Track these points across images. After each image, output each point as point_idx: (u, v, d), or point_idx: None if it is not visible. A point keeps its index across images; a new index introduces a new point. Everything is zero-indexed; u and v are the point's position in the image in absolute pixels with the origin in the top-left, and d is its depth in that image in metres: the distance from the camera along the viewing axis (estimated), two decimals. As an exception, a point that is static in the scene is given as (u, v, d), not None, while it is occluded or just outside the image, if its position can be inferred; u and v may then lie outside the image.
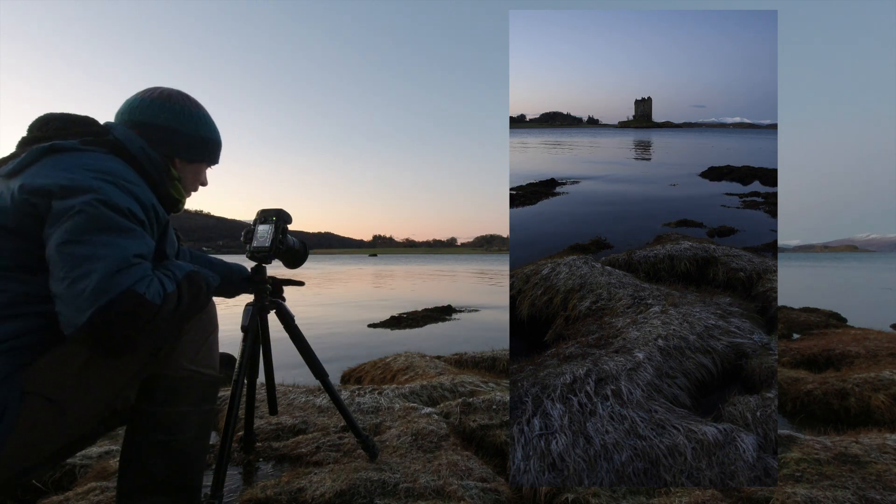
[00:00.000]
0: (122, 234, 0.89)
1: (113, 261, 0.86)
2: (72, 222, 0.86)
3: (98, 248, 0.86)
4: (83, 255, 0.85)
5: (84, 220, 0.86)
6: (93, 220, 0.86)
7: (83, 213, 0.86)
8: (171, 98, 1.14)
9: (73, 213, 0.86)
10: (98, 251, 0.85)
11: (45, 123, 1.04)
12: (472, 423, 1.94)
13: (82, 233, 0.86)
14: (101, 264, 0.84)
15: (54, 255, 0.86)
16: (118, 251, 0.87)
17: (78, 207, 0.86)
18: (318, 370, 1.54)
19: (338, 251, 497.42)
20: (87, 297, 0.83)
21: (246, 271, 1.48)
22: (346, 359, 4.15)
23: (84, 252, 0.85)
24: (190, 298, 1.00)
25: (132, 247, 0.90)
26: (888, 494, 1.29)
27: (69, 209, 0.86)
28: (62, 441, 0.97)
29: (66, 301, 0.84)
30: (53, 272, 0.86)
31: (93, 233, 0.86)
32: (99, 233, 0.87)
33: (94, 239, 0.86)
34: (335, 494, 1.34)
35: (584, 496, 1.33)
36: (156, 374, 1.05)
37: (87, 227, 0.86)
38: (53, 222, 0.87)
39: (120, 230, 0.89)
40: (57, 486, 1.51)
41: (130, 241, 0.90)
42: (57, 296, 0.86)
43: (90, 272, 0.84)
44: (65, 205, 0.86)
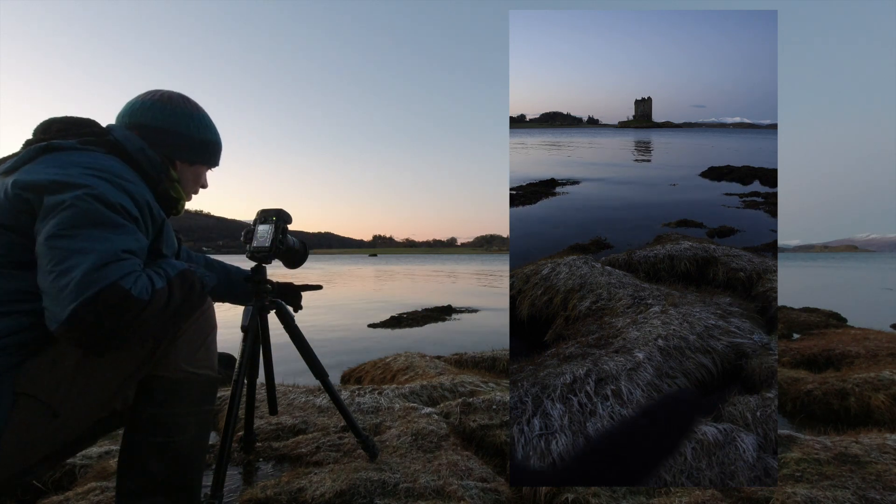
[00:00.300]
0: (112, 229, 0.88)
1: (99, 255, 0.84)
2: (61, 216, 0.85)
3: (86, 241, 0.84)
4: (70, 248, 0.83)
5: (74, 214, 0.85)
6: (83, 215, 0.86)
7: (73, 207, 0.85)
8: (172, 101, 1.14)
9: (64, 207, 0.85)
10: (85, 245, 0.84)
11: (48, 126, 1.04)
12: (472, 423, 1.94)
13: (71, 227, 0.84)
14: (87, 258, 0.83)
15: (42, 248, 0.85)
16: (106, 245, 0.85)
17: (69, 202, 0.85)
18: (318, 370, 1.54)
19: (338, 251, 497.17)
20: (70, 291, 0.81)
21: (245, 272, 1.48)
22: (346, 359, 4.15)
23: (71, 246, 0.83)
24: (182, 296, 0.98)
25: (121, 242, 0.88)
26: (888, 494, 1.29)
27: (60, 203, 0.85)
28: (57, 443, 0.96)
29: (50, 295, 0.83)
30: (41, 266, 0.85)
31: (82, 227, 0.85)
32: (88, 227, 0.86)
33: (83, 233, 0.85)
34: (335, 494, 1.34)
35: (584, 496, 1.33)
36: (154, 375, 1.04)
37: (76, 221, 0.85)
38: (44, 217, 0.86)
39: (110, 225, 0.88)
40: (57, 486, 1.51)
41: (120, 237, 0.89)
42: (43, 290, 0.84)
43: (75, 266, 0.82)
44: (56, 199, 0.86)
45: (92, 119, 1.09)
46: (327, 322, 6.83)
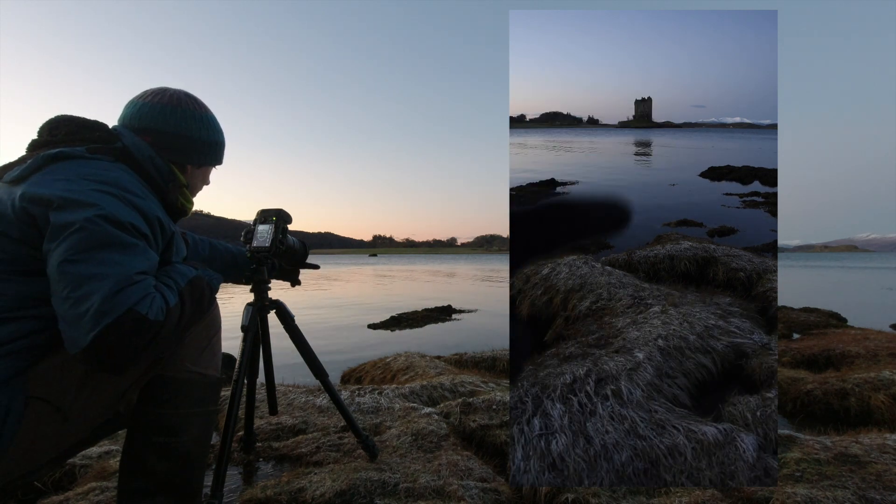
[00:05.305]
0: (124, 250, 0.88)
1: (115, 280, 0.84)
2: (72, 240, 0.84)
3: (99, 266, 0.85)
4: (84, 274, 0.84)
5: (84, 238, 0.85)
6: (93, 238, 0.85)
7: (84, 230, 0.85)
8: (182, 103, 1.12)
9: (74, 230, 0.85)
10: (99, 270, 0.84)
11: (55, 127, 1.02)
12: (472, 423, 1.94)
13: (83, 251, 0.84)
14: (102, 284, 0.83)
15: (55, 273, 0.85)
16: (120, 269, 0.86)
17: (78, 224, 0.85)
18: (318, 370, 1.55)
19: (338, 251, 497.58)
20: (89, 319, 0.82)
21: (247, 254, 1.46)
22: (346, 359, 4.15)
23: (85, 271, 0.84)
24: (193, 306, 1.00)
25: (134, 263, 0.89)
26: (888, 494, 1.29)
27: (69, 225, 0.85)
28: (65, 444, 0.97)
29: (69, 322, 0.84)
30: (55, 291, 0.85)
31: (93, 250, 0.85)
32: (100, 250, 0.86)
33: (96, 257, 0.85)
34: (335, 494, 1.34)
35: (584, 496, 1.33)
36: (158, 376, 1.05)
37: (87, 244, 0.85)
38: (53, 237, 0.85)
39: (121, 246, 0.88)
40: (57, 486, 1.51)
41: (132, 258, 0.89)
42: (60, 316, 0.85)
43: (91, 293, 0.83)
44: (64, 219, 0.85)
45: (100, 122, 1.07)
46: (327, 322, 6.83)
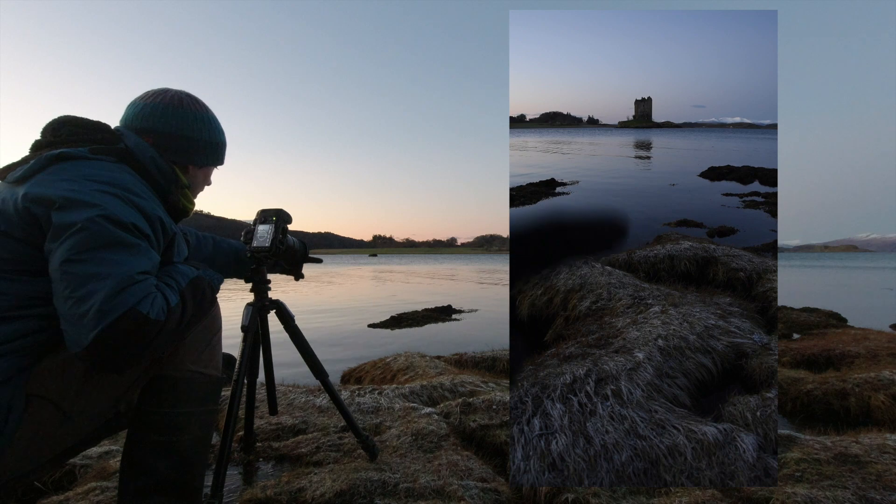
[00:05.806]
0: (126, 250, 0.88)
1: (116, 280, 0.85)
2: (74, 240, 0.85)
3: (101, 266, 0.85)
4: (86, 273, 0.84)
5: (86, 238, 0.85)
6: (95, 237, 0.85)
7: (86, 230, 0.85)
8: (183, 104, 1.12)
9: (76, 230, 0.85)
10: (101, 269, 0.85)
11: (58, 128, 1.02)
12: (472, 423, 1.94)
13: (85, 251, 0.85)
14: (104, 284, 0.84)
15: (57, 273, 0.85)
16: (121, 269, 0.86)
17: (80, 224, 0.85)
18: (318, 370, 1.55)
19: (338, 251, 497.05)
20: (91, 318, 0.82)
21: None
22: (346, 359, 4.15)
23: (87, 271, 0.84)
24: (194, 306, 1.00)
25: (135, 263, 0.89)
26: (888, 494, 1.29)
27: (71, 225, 0.85)
28: (66, 444, 0.97)
29: (70, 321, 0.84)
30: (57, 291, 0.85)
31: (95, 250, 0.85)
32: (101, 250, 0.86)
33: (97, 257, 0.85)
34: (335, 494, 1.34)
35: (584, 496, 1.33)
36: (159, 375, 1.05)
37: (89, 244, 0.85)
38: (55, 237, 0.86)
39: (123, 246, 0.88)
40: (57, 486, 1.51)
41: (134, 258, 0.89)
42: (61, 315, 0.86)
43: (93, 292, 0.83)
44: (66, 219, 0.85)
45: (103, 123, 1.07)
46: (327, 322, 6.83)
